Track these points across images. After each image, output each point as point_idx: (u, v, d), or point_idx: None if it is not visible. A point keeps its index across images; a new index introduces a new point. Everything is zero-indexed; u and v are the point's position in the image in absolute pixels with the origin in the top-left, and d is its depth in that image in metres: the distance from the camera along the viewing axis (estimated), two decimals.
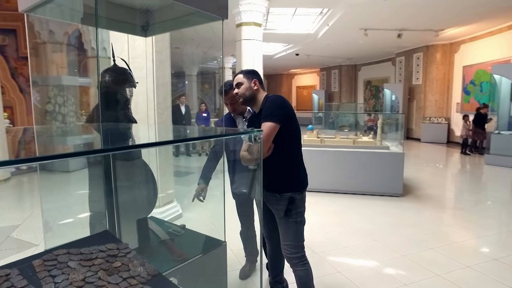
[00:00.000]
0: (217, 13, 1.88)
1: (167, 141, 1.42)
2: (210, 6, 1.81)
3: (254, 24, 7.92)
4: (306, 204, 2.13)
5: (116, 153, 1.57)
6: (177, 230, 2.24)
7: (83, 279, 1.03)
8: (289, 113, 1.98)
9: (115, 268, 1.11)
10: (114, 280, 1.05)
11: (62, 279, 1.02)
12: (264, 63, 17.95)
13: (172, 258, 1.79)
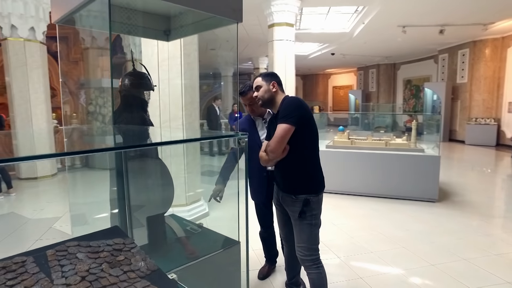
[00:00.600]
0: (232, 17, 1.91)
1: (137, 145, 1.46)
2: (224, 10, 1.84)
3: (286, 24, 7.90)
4: (335, 206, 2.11)
5: (127, 151, 1.66)
6: (194, 228, 2.30)
7: (87, 270, 1.10)
8: (306, 115, 1.96)
9: (118, 261, 1.17)
10: (115, 272, 1.11)
11: (69, 268, 1.11)
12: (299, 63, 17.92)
13: (185, 255, 1.84)
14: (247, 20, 9.66)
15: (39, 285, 1.02)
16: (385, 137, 5.88)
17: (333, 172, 5.35)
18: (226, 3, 1.82)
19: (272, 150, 1.91)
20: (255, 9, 8.34)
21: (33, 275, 1.06)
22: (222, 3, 1.80)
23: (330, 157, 5.37)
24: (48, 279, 1.05)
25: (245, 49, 14.45)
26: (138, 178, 1.71)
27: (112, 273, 1.09)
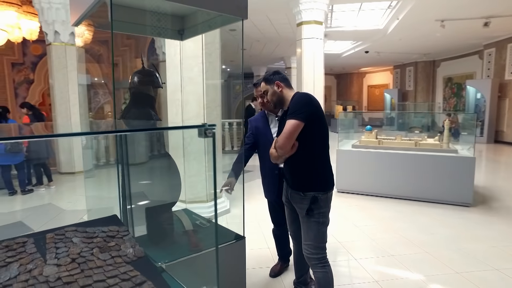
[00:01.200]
0: (237, 14, 1.92)
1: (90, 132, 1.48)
2: (229, 8, 1.85)
3: (315, 22, 7.78)
4: (359, 207, 2.07)
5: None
6: (203, 223, 2.35)
7: (79, 253, 1.17)
8: (316, 111, 1.92)
9: (109, 247, 1.24)
10: (103, 257, 1.17)
11: (63, 251, 1.18)
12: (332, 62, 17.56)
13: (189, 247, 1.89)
14: (277, 19, 9.64)
15: (33, 263, 1.10)
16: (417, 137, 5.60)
17: (359, 172, 5.20)
18: (231, 1, 1.83)
19: (280, 146, 1.90)
20: (284, 8, 8.30)
21: (30, 255, 1.15)
22: (226, 1, 1.82)
23: (356, 157, 5.22)
24: (43, 259, 1.14)
25: (276, 48, 14.41)
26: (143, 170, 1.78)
27: (101, 257, 1.15)
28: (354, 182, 5.24)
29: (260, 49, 14.72)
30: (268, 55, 16.14)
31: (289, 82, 2.12)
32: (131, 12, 2.10)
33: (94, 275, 1.06)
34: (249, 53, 15.52)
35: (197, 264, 1.79)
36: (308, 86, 7.90)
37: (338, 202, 4.87)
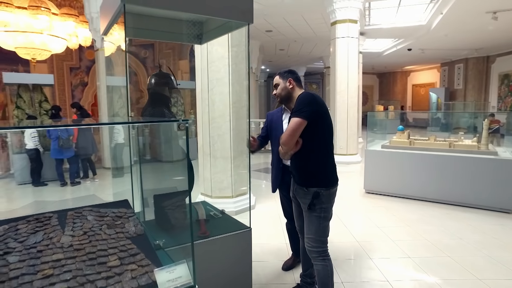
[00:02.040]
0: (242, 19, 2.06)
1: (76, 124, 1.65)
2: (234, 14, 2.00)
3: (349, 21, 7.68)
4: (385, 209, 2.14)
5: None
6: (216, 214, 2.53)
7: (90, 228, 1.40)
8: (319, 110, 1.99)
9: (115, 224, 1.45)
10: (109, 232, 1.38)
11: (78, 225, 1.42)
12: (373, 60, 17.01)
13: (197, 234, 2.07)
14: (312, 19, 9.62)
15: (54, 233, 1.34)
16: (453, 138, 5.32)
17: (388, 173, 5.08)
18: (235, 7, 1.97)
19: (283, 142, 2.00)
20: (318, 7, 8.28)
21: (52, 227, 1.40)
22: (231, 7, 1.97)
23: (385, 157, 5.10)
24: (62, 230, 1.37)
25: (314, 48, 14.31)
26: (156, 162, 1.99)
27: (107, 232, 1.36)
28: (383, 183, 5.12)
29: (297, 49, 14.71)
30: (306, 55, 16.06)
31: (301, 83, 2.22)
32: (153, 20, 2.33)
33: (99, 245, 1.27)
34: (287, 53, 15.57)
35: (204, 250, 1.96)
36: (342, 85, 7.82)
37: (364, 203, 4.81)
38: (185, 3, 1.82)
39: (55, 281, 1.04)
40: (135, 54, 11.94)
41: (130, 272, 1.11)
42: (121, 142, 5.49)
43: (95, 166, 6.31)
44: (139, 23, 2.19)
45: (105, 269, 1.12)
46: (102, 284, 1.05)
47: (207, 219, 2.36)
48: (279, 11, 8.78)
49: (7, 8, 6.80)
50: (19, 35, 7.14)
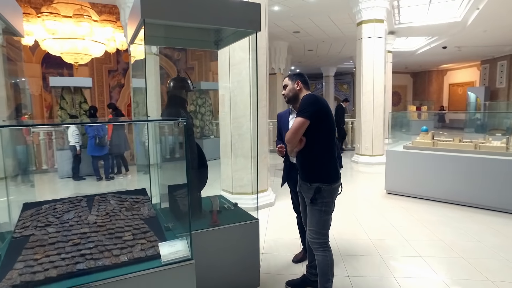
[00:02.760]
0: (250, 28, 2.25)
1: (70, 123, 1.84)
2: (243, 23, 2.19)
3: (375, 21, 7.61)
4: (404, 209, 2.29)
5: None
6: (229, 206, 2.74)
7: (112, 210, 1.65)
8: (321, 111, 2.13)
9: (133, 208, 1.69)
10: (127, 214, 1.63)
11: (102, 207, 1.68)
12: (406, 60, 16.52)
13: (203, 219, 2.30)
14: (339, 19, 9.59)
15: (83, 213, 1.61)
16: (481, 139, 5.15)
17: (410, 174, 5.03)
18: (243, 17, 2.17)
19: (287, 140, 2.17)
20: (345, 8, 8.26)
21: (82, 207, 1.67)
22: (240, 18, 2.17)
23: (407, 158, 5.06)
24: (89, 211, 1.64)
25: (343, 48, 14.17)
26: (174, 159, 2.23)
27: (125, 213, 1.62)
28: (404, 184, 5.08)
29: (326, 50, 14.63)
30: (336, 55, 15.91)
31: (308, 86, 2.37)
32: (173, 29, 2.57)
33: (117, 223, 1.52)
34: (316, 53, 15.53)
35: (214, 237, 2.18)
36: (368, 86, 7.76)
37: (384, 203, 4.81)
38: (199, 16, 2.04)
39: (81, 248, 1.30)
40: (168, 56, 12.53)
41: (140, 245, 1.35)
42: (145, 140, 5.90)
43: (128, 162, 6.78)
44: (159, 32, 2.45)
45: (120, 241, 1.36)
46: (116, 252, 1.28)
47: (219, 210, 2.58)
48: (305, 12, 8.86)
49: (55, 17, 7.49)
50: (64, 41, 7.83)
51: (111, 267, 1.23)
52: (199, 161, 2.47)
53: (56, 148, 6.81)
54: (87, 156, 6.31)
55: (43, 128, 7.03)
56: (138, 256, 1.27)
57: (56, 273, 1.16)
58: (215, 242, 2.24)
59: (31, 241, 1.35)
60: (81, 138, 6.31)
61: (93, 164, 6.19)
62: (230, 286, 2.35)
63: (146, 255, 1.28)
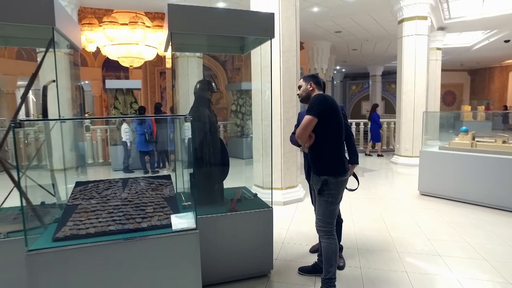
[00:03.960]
0: (266, 35, 2.50)
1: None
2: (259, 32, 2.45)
3: (417, 18, 7.39)
4: (435, 210, 2.59)
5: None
6: (249, 196, 3.01)
7: (140, 189, 2.02)
8: (329, 109, 2.32)
9: (157, 189, 2.05)
10: (152, 193, 1.98)
11: (134, 188, 2.05)
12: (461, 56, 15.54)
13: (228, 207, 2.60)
14: (381, 18, 9.38)
15: (118, 191, 1.99)
16: None
17: (444, 175, 4.89)
18: (258, 26, 2.43)
19: (297, 136, 2.39)
20: (386, 6, 8.10)
21: (118, 186, 2.06)
22: (256, 27, 2.43)
23: (442, 159, 4.92)
24: (123, 189, 2.02)
25: (389, 46, 13.70)
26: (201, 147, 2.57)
27: (151, 193, 1.98)
28: (439, 185, 4.95)
29: (371, 48, 14.27)
30: (382, 54, 15.42)
31: (321, 87, 2.55)
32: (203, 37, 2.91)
33: (143, 199, 1.87)
34: (361, 52, 15.20)
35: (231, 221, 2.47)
36: (408, 85, 7.55)
37: (414, 204, 4.75)
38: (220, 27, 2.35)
39: (113, 215, 1.66)
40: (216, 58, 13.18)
41: (157, 216, 1.68)
42: (189, 137, 6.38)
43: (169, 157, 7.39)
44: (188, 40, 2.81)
45: (143, 213, 1.71)
46: (139, 220, 1.63)
47: (240, 199, 2.86)
48: (345, 12, 8.83)
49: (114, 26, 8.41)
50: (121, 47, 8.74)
51: (134, 230, 1.58)
52: (221, 156, 2.78)
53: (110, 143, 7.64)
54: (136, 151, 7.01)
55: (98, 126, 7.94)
56: (154, 224, 1.60)
57: (94, 231, 1.54)
58: (232, 226, 2.53)
59: (79, 208, 1.75)
60: (131, 134, 7.02)
61: (141, 158, 6.86)
62: (245, 267, 2.62)
63: (161, 224, 1.61)
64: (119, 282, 1.53)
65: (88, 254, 1.47)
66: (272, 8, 4.60)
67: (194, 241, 1.59)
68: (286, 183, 5.00)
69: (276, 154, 4.90)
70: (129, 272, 1.53)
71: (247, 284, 2.58)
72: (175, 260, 1.58)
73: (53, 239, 1.50)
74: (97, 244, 1.49)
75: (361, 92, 24.99)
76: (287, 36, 4.74)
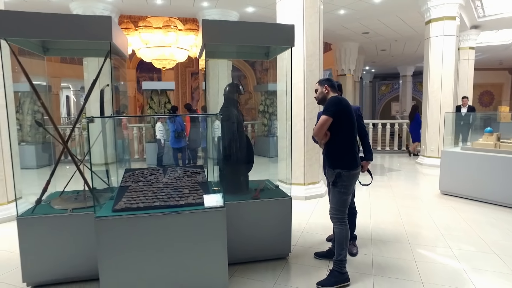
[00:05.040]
0: (287, 44, 2.83)
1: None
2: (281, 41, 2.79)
3: (446, 18, 7.38)
4: (453, 209, 3.20)
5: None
6: (271, 187, 3.34)
7: (178, 176, 2.42)
8: (342, 110, 2.60)
9: (192, 176, 2.44)
10: (187, 179, 2.38)
11: (173, 174, 2.46)
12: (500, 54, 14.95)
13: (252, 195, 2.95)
14: (409, 18, 9.35)
15: (160, 176, 2.41)
16: None
17: (466, 175, 4.96)
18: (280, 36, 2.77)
19: (314, 134, 2.70)
20: (413, 6, 8.10)
21: (159, 173, 2.48)
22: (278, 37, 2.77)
23: (464, 159, 4.99)
24: (163, 175, 2.44)
25: (419, 46, 13.45)
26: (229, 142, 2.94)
27: (186, 179, 2.38)
28: (460, 185, 5.02)
29: (400, 49, 14.10)
30: (412, 54, 15.15)
31: (335, 89, 2.83)
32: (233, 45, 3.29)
33: (180, 183, 2.27)
34: (390, 53, 15.04)
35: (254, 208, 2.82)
36: (435, 85, 7.56)
37: (434, 202, 4.87)
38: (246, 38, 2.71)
39: (157, 195, 2.07)
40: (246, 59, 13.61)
41: (192, 196, 2.07)
42: (219, 135, 6.82)
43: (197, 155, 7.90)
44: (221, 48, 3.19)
45: (180, 193, 2.10)
46: (177, 198, 2.02)
47: (262, 189, 3.20)
48: (372, 14, 8.92)
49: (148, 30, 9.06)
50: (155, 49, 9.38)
51: (173, 206, 1.97)
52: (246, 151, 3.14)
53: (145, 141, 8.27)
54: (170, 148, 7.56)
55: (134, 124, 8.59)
56: (190, 202, 1.99)
57: (142, 205, 1.95)
58: (255, 212, 2.87)
59: (129, 189, 2.18)
60: (165, 132, 7.58)
61: (173, 155, 7.40)
62: (266, 250, 2.95)
63: (195, 202, 1.99)
64: (161, 247, 1.92)
65: (138, 222, 1.88)
66: (297, 15, 4.92)
67: (221, 217, 1.95)
68: (308, 179, 5.28)
69: (299, 152, 5.21)
70: (169, 239, 1.92)
71: (268, 264, 2.91)
72: (206, 232, 1.95)
73: (112, 210, 1.93)
74: (145, 215, 1.90)
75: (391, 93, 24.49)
76: (311, 42, 5.03)
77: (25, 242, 2.41)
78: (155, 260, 1.90)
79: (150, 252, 1.89)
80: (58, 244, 2.45)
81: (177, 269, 1.94)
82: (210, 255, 1.99)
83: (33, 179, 3.91)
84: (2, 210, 4.14)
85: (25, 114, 8.08)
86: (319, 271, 2.79)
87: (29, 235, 2.41)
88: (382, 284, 2.59)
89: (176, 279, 1.95)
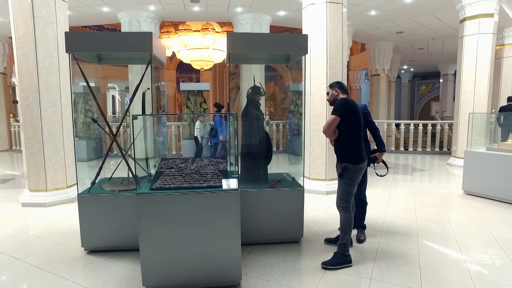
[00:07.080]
0: (300, 52, 3.20)
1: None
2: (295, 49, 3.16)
3: (482, 16, 7.23)
4: (473, 208, 3.89)
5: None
6: (288, 178, 3.72)
7: (204, 164, 2.89)
8: (349, 111, 2.91)
9: (215, 165, 2.90)
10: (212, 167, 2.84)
11: (200, 163, 2.94)
12: None
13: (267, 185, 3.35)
14: (445, 16, 9.16)
15: (189, 164, 2.90)
16: None
17: (489, 176, 4.96)
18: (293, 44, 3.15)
19: (323, 131, 3.03)
20: (448, 4, 7.97)
21: (188, 162, 2.98)
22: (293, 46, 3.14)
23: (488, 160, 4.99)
24: (192, 163, 2.93)
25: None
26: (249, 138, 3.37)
27: (211, 167, 2.84)
28: (483, 185, 5.04)
29: (439, 47, 13.70)
30: (452, 52, 14.49)
31: (345, 91, 3.15)
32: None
33: (205, 170, 2.73)
34: (428, 51, 14.63)
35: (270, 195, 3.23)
36: (468, 85, 7.44)
37: (454, 201, 4.94)
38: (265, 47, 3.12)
39: (186, 178, 2.55)
40: None
41: (214, 180, 2.52)
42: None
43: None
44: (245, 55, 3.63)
45: (204, 178, 2.56)
46: (202, 182, 2.49)
47: (279, 180, 3.59)
48: (404, 14, 8.89)
49: (188, 33, 9.75)
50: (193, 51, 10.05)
51: (197, 187, 2.43)
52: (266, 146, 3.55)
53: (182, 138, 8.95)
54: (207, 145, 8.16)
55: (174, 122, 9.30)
56: (211, 185, 2.44)
57: (173, 186, 2.43)
58: (270, 199, 3.27)
59: (164, 174, 2.68)
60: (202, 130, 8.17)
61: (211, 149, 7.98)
62: (281, 232, 3.34)
63: (215, 185, 2.44)
64: (187, 220, 2.39)
65: (169, 199, 2.36)
66: (320, 20, 5.23)
67: (236, 198, 2.38)
68: (329, 175, 5.56)
69: (321, 149, 5.52)
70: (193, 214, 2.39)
71: (281, 246, 3.30)
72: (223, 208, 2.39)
73: (150, 188, 2.43)
74: (175, 194, 2.38)
75: (432, 92, 23.54)
76: (334, 45, 5.31)
77: (84, 214, 3.03)
78: (183, 231, 2.37)
79: (179, 224, 2.37)
80: (108, 218, 3.05)
81: (200, 241, 2.39)
82: (226, 228, 2.41)
83: (85, 170, 4.61)
84: (63, 193, 4.92)
85: (78, 112, 9.10)
86: (326, 253, 3.12)
87: (86, 209, 3.03)
88: (381, 267, 2.87)
89: (199, 249, 2.40)
